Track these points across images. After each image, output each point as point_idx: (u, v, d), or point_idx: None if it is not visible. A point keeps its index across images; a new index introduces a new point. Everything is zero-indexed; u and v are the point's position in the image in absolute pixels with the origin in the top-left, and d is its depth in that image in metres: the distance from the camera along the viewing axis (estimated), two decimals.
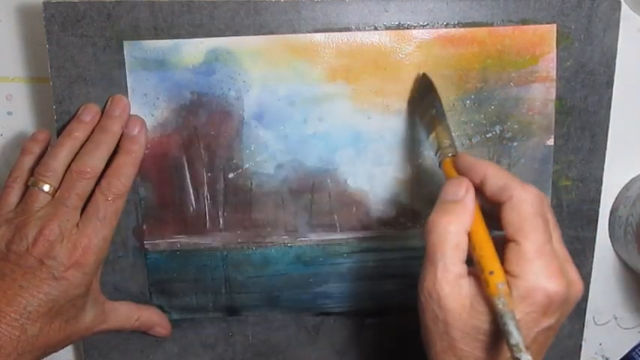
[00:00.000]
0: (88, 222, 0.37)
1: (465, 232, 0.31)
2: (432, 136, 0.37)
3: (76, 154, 0.38)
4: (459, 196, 0.32)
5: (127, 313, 0.42)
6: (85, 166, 0.37)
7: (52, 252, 0.36)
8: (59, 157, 0.38)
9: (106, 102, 0.40)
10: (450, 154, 0.36)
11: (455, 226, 0.31)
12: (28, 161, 0.39)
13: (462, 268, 0.31)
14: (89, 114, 0.39)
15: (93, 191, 0.38)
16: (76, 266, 0.36)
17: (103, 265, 0.42)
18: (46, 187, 0.37)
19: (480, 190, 0.32)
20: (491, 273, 0.30)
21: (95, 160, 0.38)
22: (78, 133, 0.39)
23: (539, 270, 0.29)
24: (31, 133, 0.44)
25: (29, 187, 0.38)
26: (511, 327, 0.28)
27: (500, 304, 0.29)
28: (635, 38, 0.45)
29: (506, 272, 0.30)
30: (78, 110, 0.40)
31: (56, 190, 0.37)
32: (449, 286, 0.31)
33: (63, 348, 0.39)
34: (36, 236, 0.36)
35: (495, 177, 0.32)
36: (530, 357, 0.28)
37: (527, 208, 0.30)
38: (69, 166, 0.38)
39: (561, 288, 0.30)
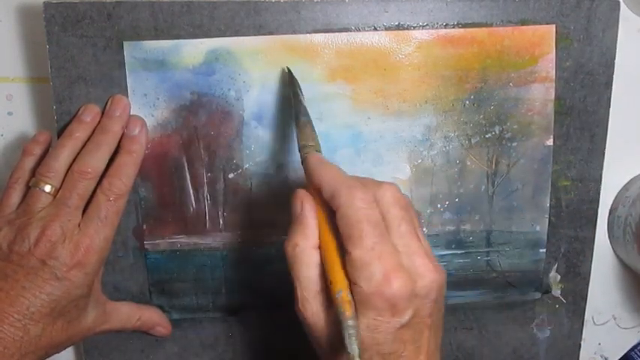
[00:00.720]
0: (89, 222, 0.37)
1: (311, 248, 0.32)
2: (296, 133, 0.37)
3: (77, 154, 0.38)
4: (297, 211, 0.32)
5: (128, 313, 0.42)
6: (87, 166, 0.37)
7: (54, 252, 0.36)
8: (60, 158, 0.38)
9: (107, 102, 0.40)
10: (306, 154, 0.35)
11: (299, 247, 0.31)
12: (30, 162, 0.39)
13: (319, 285, 0.32)
14: (90, 114, 0.39)
15: (94, 191, 0.38)
16: (78, 266, 0.36)
17: (104, 265, 0.42)
18: (48, 188, 0.37)
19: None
20: (331, 282, 0.30)
21: (96, 161, 0.38)
22: (79, 133, 0.39)
23: (371, 275, 0.29)
24: (32, 133, 0.44)
25: (30, 188, 0.38)
26: (346, 336, 0.28)
27: (339, 314, 0.29)
28: (634, 38, 0.45)
29: (349, 280, 0.30)
30: (78, 111, 0.40)
31: (57, 191, 0.37)
32: (309, 305, 0.31)
33: (65, 348, 0.39)
34: (38, 237, 0.36)
35: (327, 184, 0.31)
36: None
37: (351, 215, 0.30)
38: (70, 166, 0.38)
39: (399, 287, 0.29)
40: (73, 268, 0.36)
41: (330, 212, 0.31)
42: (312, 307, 0.31)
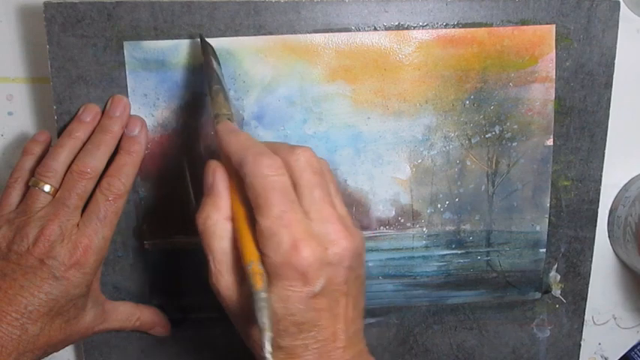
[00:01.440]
0: (88, 222, 0.37)
1: (222, 220, 0.31)
2: (209, 101, 0.36)
3: (77, 154, 0.38)
4: (209, 183, 0.32)
5: (127, 313, 0.42)
6: (86, 166, 0.37)
7: (52, 252, 0.36)
8: (60, 158, 0.38)
9: (106, 102, 0.40)
10: (217, 123, 0.34)
11: (211, 219, 0.31)
12: (29, 162, 0.39)
13: (232, 257, 0.31)
14: (89, 114, 0.39)
15: (93, 191, 0.38)
16: (77, 266, 0.36)
17: (103, 265, 0.43)
18: (47, 188, 0.37)
19: None
20: (242, 255, 0.30)
21: (96, 161, 0.38)
22: (78, 133, 0.39)
23: (278, 244, 0.29)
24: (32, 133, 0.44)
25: (30, 188, 0.38)
26: (256, 308, 0.28)
27: (250, 287, 0.28)
28: (634, 39, 0.45)
29: (260, 252, 0.29)
30: (78, 110, 0.40)
31: (57, 191, 0.37)
32: (222, 278, 0.31)
33: (63, 347, 0.39)
34: (37, 236, 0.36)
35: (234, 153, 0.31)
36: (270, 334, 0.27)
37: (258, 184, 0.29)
38: (69, 166, 0.38)
39: (308, 255, 0.29)
40: (71, 267, 0.36)
41: (241, 182, 0.31)
42: (225, 281, 0.31)
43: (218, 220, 0.31)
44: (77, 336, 0.39)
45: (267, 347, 0.27)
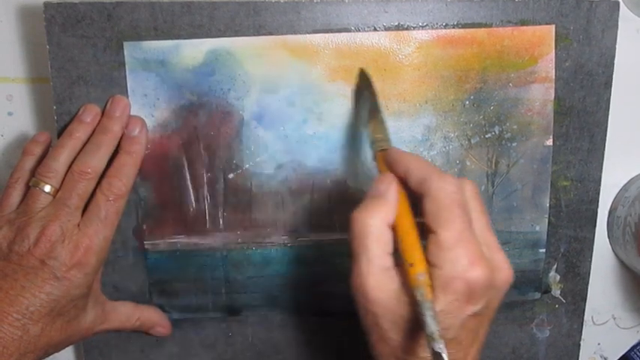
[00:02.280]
0: (89, 222, 0.37)
1: (386, 224, 0.31)
2: (368, 129, 0.38)
3: (77, 154, 0.38)
4: (380, 191, 0.32)
5: (127, 313, 0.42)
6: (86, 166, 0.37)
7: (53, 252, 0.36)
8: (60, 158, 0.38)
9: (106, 102, 0.40)
10: (381, 148, 0.36)
11: (374, 220, 0.31)
12: (30, 162, 0.39)
13: (387, 261, 0.31)
14: (90, 114, 0.39)
15: (94, 191, 0.38)
16: (78, 266, 0.36)
17: (103, 265, 0.43)
18: (47, 188, 0.37)
19: (406, 184, 0.32)
20: (411, 265, 0.30)
21: (96, 161, 0.38)
22: (79, 133, 0.39)
23: (456, 258, 0.29)
24: (32, 133, 0.44)
25: (30, 188, 0.38)
26: (427, 317, 0.28)
27: (418, 295, 0.29)
28: (634, 39, 0.45)
29: (428, 263, 0.30)
30: (78, 111, 0.40)
31: (57, 191, 0.37)
32: (373, 279, 0.31)
33: (64, 348, 0.39)
34: (37, 237, 0.36)
35: (416, 170, 0.32)
36: (443, 345, 0.28)
37: (444, 198, 0.30)
38: (70, 166, 0.38)
39: (482, 274, 0.29)
40: (72, 268, 0.36)
41: (411, 199, 0.32)
42: (375, 282, 0.31)
43: (381, 224, 0.31)
44: (78, 336, 0.39)
45: (445, 357, 0.28)
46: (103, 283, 0.43)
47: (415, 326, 0.30)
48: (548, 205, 0.44)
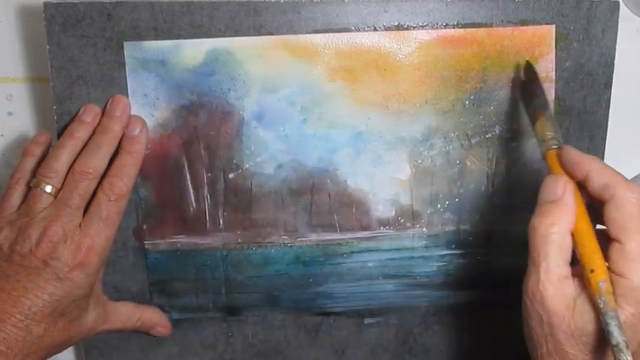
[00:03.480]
0: (90, 223, 0.37)
1: (567, 232, 0.31)
2: (535, 126, 0.37)
3: (78, 154, 0.38)
4: (557, 195, 0.32)
5: (128, 314, 0.42)
6: (87, 166, 0.37)
7: (55, 253, 0.36)
8: (61, 158, 0.38)
9: (107, 102, 0.40)
10: (553, 146, 0.35)
11: (556, 227, 0.31)
12: (30, 163, 0.39)
13: (566, 270, 0.31)
14: (90, 114, 0.39)
15: (95, 191, 0.38)
16: (80, 267, 0.36)
17: (104, 265, 0.43)
18: (49, 188, 0.37)
19: (582, 186, 0.32)
20: (592, 271, 0.29)
21: (97, 161, 0.38)
22: (79, 133, 0.39)
23: None
24: (32, 133, 0.44)
25: (31, 189, 0.38)
26: (612, 326, 0.28)
27: (601, 303, 0.28)
28: (634, 39, 0.45)
29: (610, 271, 0.30)
30: (79, 111, 0.40)
31: (58, 191, 0.37)
32: (552, 288, 0.30)
33: (66, 348, 0.39)
34: (39, 237, 0.36)
35: (599, 174, 0.31)
36: (630, 357, 0.27)
37: (631, 208, 0.30)
38: (71, 166, 0.38)
39: None
40: (74, 268, 0.36)
41: (588, 203, 0.31)
42: (555, 293, 0.30)
43: (563, 231, 0.31)
44: (80, 336, 0.39)
45: None
46: (103, 283, 0.43)
47: (595, 339, 0.30)
48: None
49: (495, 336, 0.47)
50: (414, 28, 0.41)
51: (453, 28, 0.41)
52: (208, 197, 0.42)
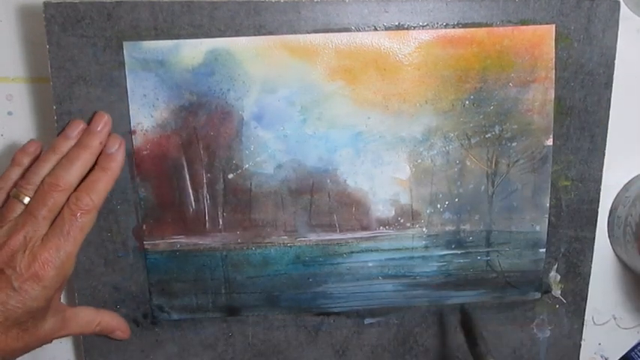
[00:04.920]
0: (52, 236, 0.36)
1: None
2: None
3: None
4: None
5: (87, 319, 0.42)
6: (58, 179, 0.37)
7: (12, 261, 0.35)
8: (40, 172, 0.37)
9: (90, 118, 0.40)
10: None
11: None
12: (16, 172, 0.39)
13: None
14: (74, 130, 0.39)
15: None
16: (35, 278, 0.35)
17: (104, 265, 0.43)
18: (26, 200, 0.37)
19: None
20: None
21: (68, 175, 0.37)
22: (62, 148, 0.38)
23: None
24: (32, 133, 0.44)
25: (10, 198, 0.37)
26: None
27: None
28: (634, 39, 0.45)
29: None
30: (66, 125, 0.40)
31: None
32: None
33: (21, 355, 0.38)
34: (1, 244, 0.35)
35: None
36: None
37: None
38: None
39: None
40: (28, 279, 0.35)
41: None
42: None
43: None
44: (36, 344, 0.38)
45: None
46: (103, 283, 0.43)
47: None
48: (548, 205, 0.44)
49: (496, 336, 0.47)
50: (414, 27, 0.41)
51: (453, 27, 0.41)
52: (208, 197, 0.42)
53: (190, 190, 0.42)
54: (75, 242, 0.37)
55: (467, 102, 0.42)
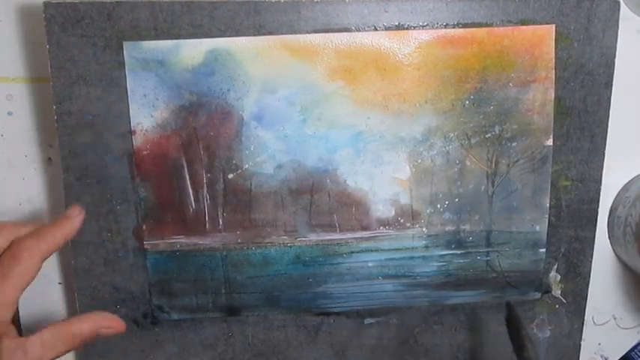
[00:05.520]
0: None
1: None
2: None
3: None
4: None
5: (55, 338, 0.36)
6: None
7: None
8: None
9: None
10: None
11: None
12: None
13: None
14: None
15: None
16: None
17: (103, 265, 0.43)
18: None
19: None
20: None
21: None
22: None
23: None
24: (32, 133, 0.44)
25: None
26: None
27: None
28: (634, 39, 0.45)
29: None
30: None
31: None
32: None
33: None
34: None
35: None
36: None
37: None
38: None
39: None
40: None
41: None
42: None
43: None
44: None
45: None
46: (103, 283, 0.43)
47: None
48: (548, 205, 0.44)
49: (495, 336, 0.47)
50: (414, 27, 0.41)
51: (453, 27, 0.41)
52: (208, 197, 0.42)
53: (190, 190, 0.42)
54: (14, 284, 0.34)
55: (467, 102, 0.42)
